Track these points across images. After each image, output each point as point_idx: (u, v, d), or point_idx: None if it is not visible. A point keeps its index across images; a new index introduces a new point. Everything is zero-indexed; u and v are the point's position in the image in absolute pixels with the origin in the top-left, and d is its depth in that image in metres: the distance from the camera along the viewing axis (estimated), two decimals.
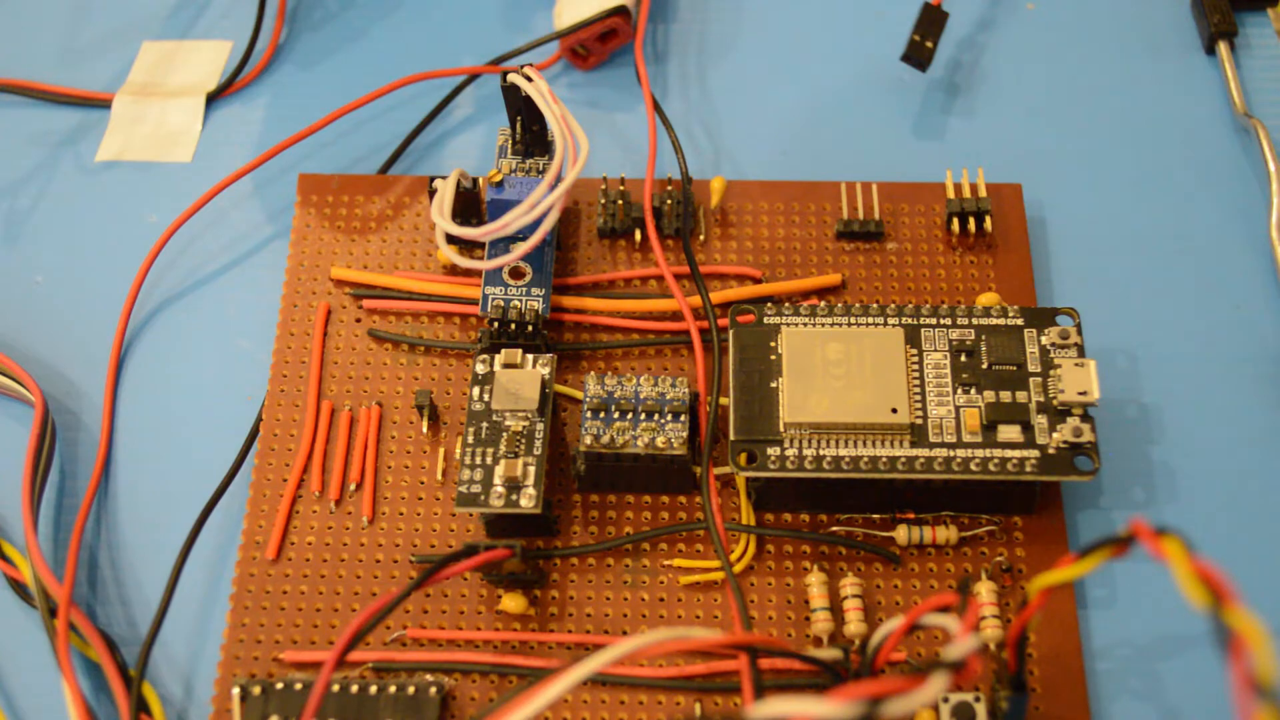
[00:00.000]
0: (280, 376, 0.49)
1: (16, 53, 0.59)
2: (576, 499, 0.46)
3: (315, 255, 0.51)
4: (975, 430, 0.43)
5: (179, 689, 0.44)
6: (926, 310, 0.46)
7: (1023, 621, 0.35)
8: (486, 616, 0.44)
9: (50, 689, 0.43)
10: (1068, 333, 0.45)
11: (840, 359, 0.44)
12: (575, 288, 0.50)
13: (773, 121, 0.55)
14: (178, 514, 0.46)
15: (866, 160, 0.54)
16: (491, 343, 0.47)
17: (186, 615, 0.45)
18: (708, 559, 0.45)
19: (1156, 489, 0.46)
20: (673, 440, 0.44)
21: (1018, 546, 0.45)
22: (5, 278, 0.53)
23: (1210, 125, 0.54)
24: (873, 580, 0.44)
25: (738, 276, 0.50)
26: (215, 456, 0.47)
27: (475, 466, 0.44)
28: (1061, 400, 0.43)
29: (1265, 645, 0.26)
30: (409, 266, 0.51)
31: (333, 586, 0.45)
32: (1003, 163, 0.53)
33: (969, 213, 0.50)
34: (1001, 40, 0.57)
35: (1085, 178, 0.53)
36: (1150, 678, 0.43)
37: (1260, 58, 0.55)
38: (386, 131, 0.55)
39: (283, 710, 0.42)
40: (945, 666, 0.30)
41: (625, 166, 0.54)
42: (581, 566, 0.45)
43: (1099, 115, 0.55)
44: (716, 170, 0.54)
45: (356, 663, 0.43)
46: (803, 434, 0.43)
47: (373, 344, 0.49)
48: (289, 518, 0.46)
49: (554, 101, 0.47)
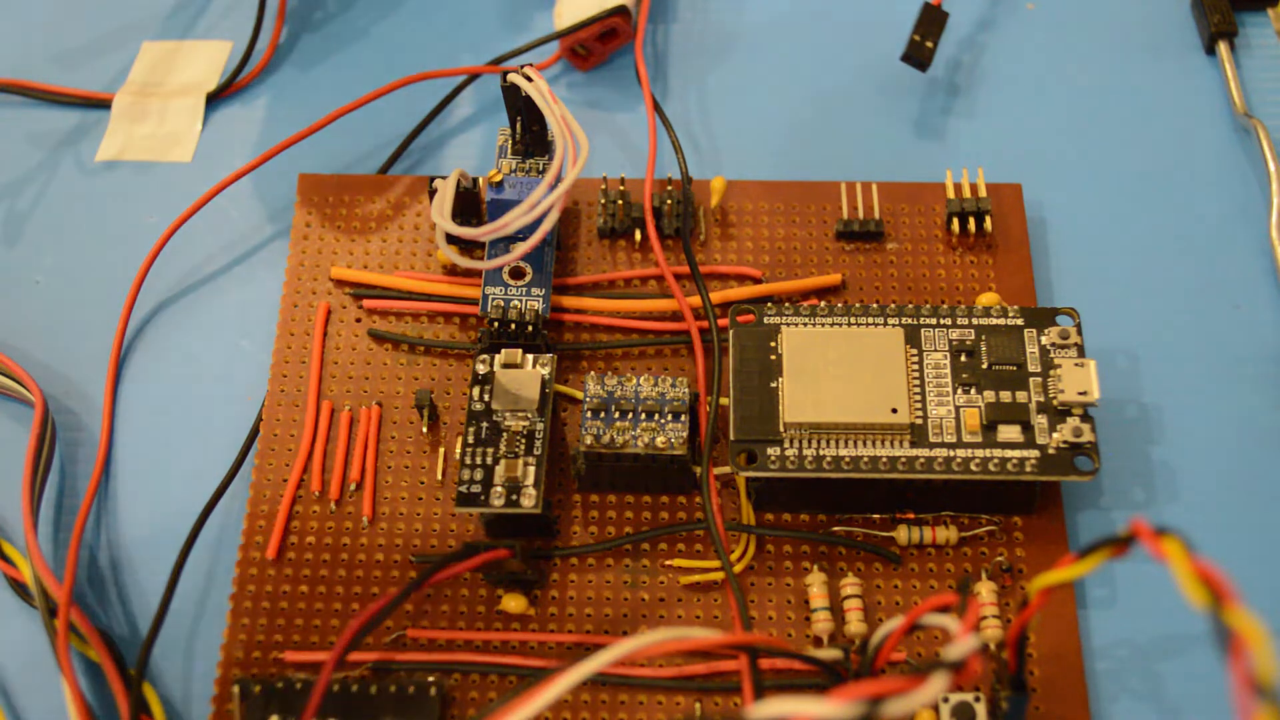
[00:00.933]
0: (280, 376, 0.49)
1: (16, 52, 0.59)
2: (576, 499, 0.46)
3: (315, 255, 0.51)
4: (975, 430, 0.43)
5: (179, 689, 0.44)
6: (926, 310, 0.46)
7: (1023, 621, 0.35)
8: (486, 616, 0.44)
9: (50, 689, 0.43)
10: (1068, 333, 0.45)
11: (840, 359, 0.44)
12: (575, 288, 0.50)
13: (773, 121, 0.55)
14: (178, 514, 0.46)
15: (866, 160, 0.54)
16: (491, 343, 0.47)
17: (186, 615, 0.45)
18: (708, 559, 0.45)
19: (1156, 489, 0.46)
20: (673, 440, 0.44)
21: (1018, 547, 0.45)
22: (5, 278, 0.53)
23: (1210, 125, 0.54)
24: (873, 580, 0.44)
25: (738, 276, 0.50)
26: (215, 456, 0.48)
27: (475, 466, 0.44)
28: (1061, 400, 0.43)
29: (1265, 645, 0.26)
30: (409, 266, 0.51)
31: (333, 586, 0.45)
32: (1003, 163, 0.53)
33: (969, 213, 0.50)
34: (1001, 40, 0.57)
35: (1085, 178, 0.53)
36: (1150, 677, 0.43)
37: (1260, 58, 0.55)
38: (386, 131, 0.55)
39: (283, 710, 0.42)
40: (945, 667, 0.30)
41: (625, 167, 0.54)
42: (581, 566, 0.45)
43: (1099, 115, 0.55)
44: (717, 170, 0.54)
45: (356, 662, 0.43)
46: (803, 434, 0.43)
47: (373, 344, 0.49)
48: (289, 518, 0.46)
49: (554, 101, 0.47)
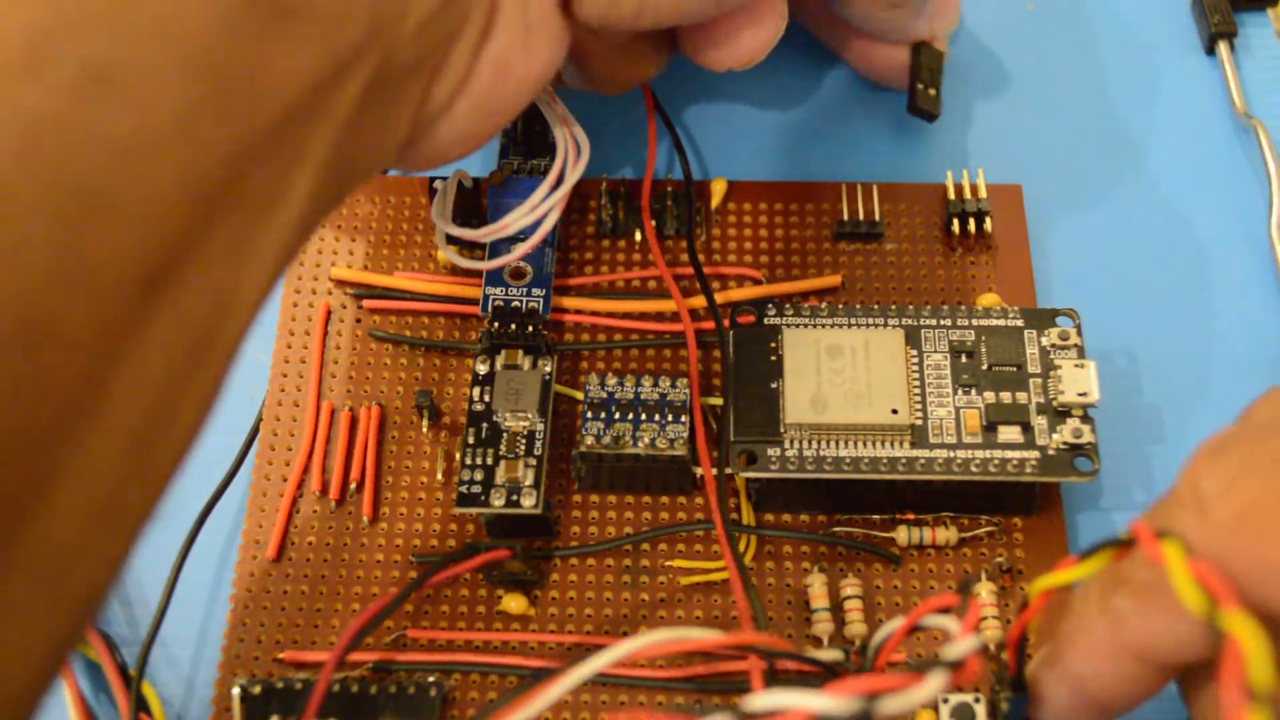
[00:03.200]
0: (280, 377, 0.49)
1: None
2: (577, 499, 0.46)
3: (315, 255, 0.51)
4: (975, 431, 0.43)
5: (179, 689, 0.44)
6: (926, 311, 0.46)
7: (1023, 623, 0.35)
8: (486, 617, 0.44)
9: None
10: (1067, 334, 0.45)
11: (840, 360, 0.44)
12: (576, 289, 0.50)
13: (773, 122, 0.55)
14: (178, 514, 0.46)
15: (866, 161, 0.54)
16: (492, 343, 0.47)
17: (186, 615, 0.45)
18: (708, 560, 0.45)
19: (1157, 490, 0.46)
20: (673, 441, 0.44)
21: (1018, 548, 0.45)
22: None
23: (1210, 126, 0.54)
24: (873, 581, 0.44)
25: (738, 277, 0.50)
26: (215, 456, 0.47)
27: (475, 467, 0.44)
28: (1061, 401, 0.43)
29: (1260, 650, 0.26)
30: (409, 267, 0.51)
31: (333, 586, 0.45)
32: (1002, 163, 0.53)
33: (969, 214, 0.50)
34: (1001, 40, 0.57)
35: (1085, 178, 0.53)
36: None
37: (1260, 58, 0.55)
38: None
39: (283, 710, 0.42)
40: (944, 665, 0.30)
41: (626, 168, 0.54)
42: (582, 567, 0.45)
43: (1099, 115, 0.55)
44: (717, 171, 0.54)
45: (356, 663, 0.43)
46: (803, 434, 0.43)
47: (373, 344, 0.49)
48: (289, 518, 0.46)
49: (555, 102, 0.47)
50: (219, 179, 0.28)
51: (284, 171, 0.30)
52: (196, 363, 0.29)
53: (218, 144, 0.28)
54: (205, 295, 0.29)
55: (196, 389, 0.30)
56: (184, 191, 0.28)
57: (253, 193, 0.29)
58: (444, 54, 0.36)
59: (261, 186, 0.30)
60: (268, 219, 0.30)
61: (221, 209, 0.29)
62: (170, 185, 0.27)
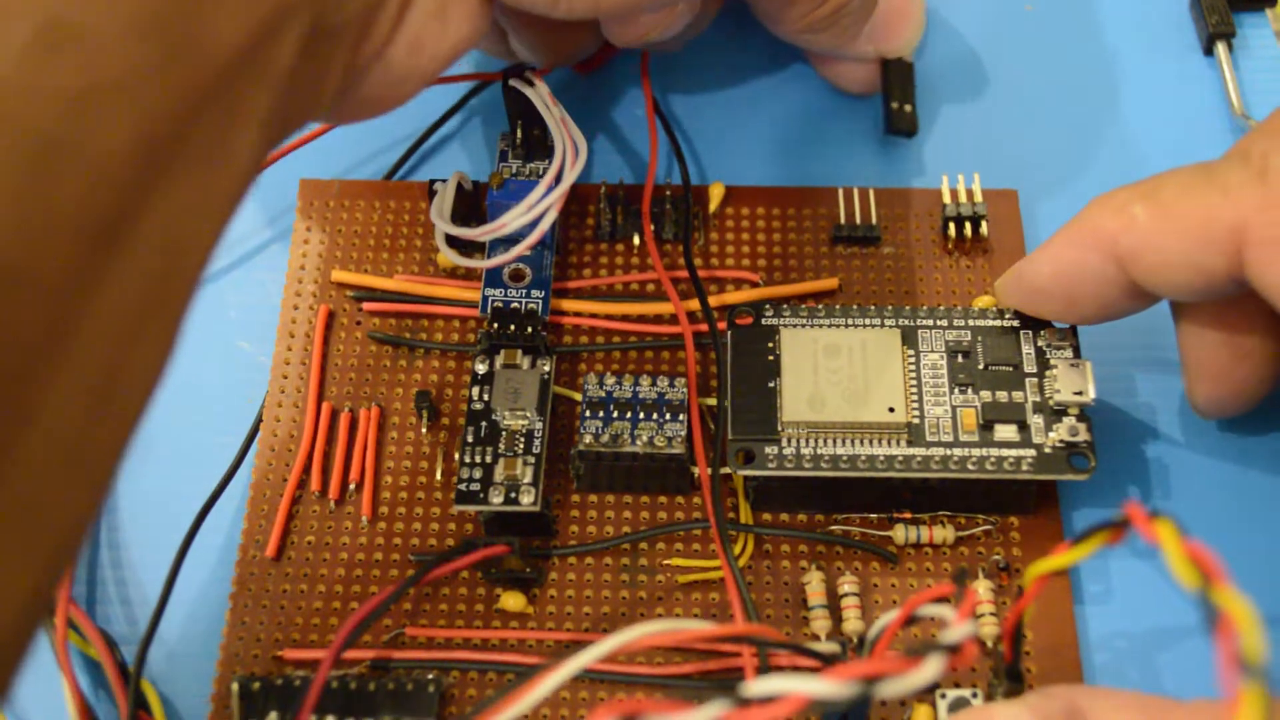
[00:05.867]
0: (280, 378, 0.49)
1: None
2: (575, 498, 0.46)
3: (316, 258, 0.51)
4: (972, 430, 0.44)
5: (178, 687, 0.44)
6: (923, 311, 0.46)
7: (1019, 611, 0.35)
8: (485, 615, 0.44)
9: (49, 687, 0.43)
10: (1064, 334, 0.45)
11: (838, 359, 0.45)
12: (574, 291, 0.50)
13: (770, 127, 0.55)
14: (178, 514, 0.46)
15: (863, 166, 0.54)
16: (491, 344, 0.47)
17: (186, 614, 0.45)
18: (706, 558, 0.45)
19: (1152, 488, 0.46)
20: (671, 439, 0.44)
21: (1014, 546, 0.45)
22: None
23: (1208, 126, 0.54)
24: (870, 579, 0.44)
25: (736, 281, 0.51)
26: (215, 456, 0.48)
27: (474, 465, 0.44)
28: (1057, 400, 0.44)
29: (1253, 624, 0.26)
30: (409, 270, 0.51)
31: (332, 586, 0.45)
32: (1000, 164, 0.53)
33: (965, 218, 0.51)
34: (1000, 41, 0.57)
35: (1083, 179, 0.53)
36: (1147, 670, 0.43)
37: (1258, 59, 0.56)
38: (387, 136, 0.55)
39: (282, 707, 0.42)
40: (941, 648, 0.30)
41: (625, 171, 0.54)
42: (580, 565, 0.45)
43: (1097, 116, 0.55)
44: (715, 175, 0.54)
45: (355, 660, 0.43)
46: (800, 433, 0.44)
47: (373, 346, 0.50)
48: (289, 517, 0.46)
49: (554, 105, 0.48)
50: (168, 132, 0.30)
51: (228, 124, 0.32)
52: (155, 306, 0.31)
53: (166, 99, 0.30)
54: (159, 244, 0.30)
55: (155, 334, 0.31)
56: (136, 144, 0.29)
57: (200, 145, 0.31)
58: (368, 21, 0.38)
59: (207, 139, 0.31)
60: (215, 170, 0.32)
61: (172, 160, 0.30)
62: (124, 138, 0.29)
